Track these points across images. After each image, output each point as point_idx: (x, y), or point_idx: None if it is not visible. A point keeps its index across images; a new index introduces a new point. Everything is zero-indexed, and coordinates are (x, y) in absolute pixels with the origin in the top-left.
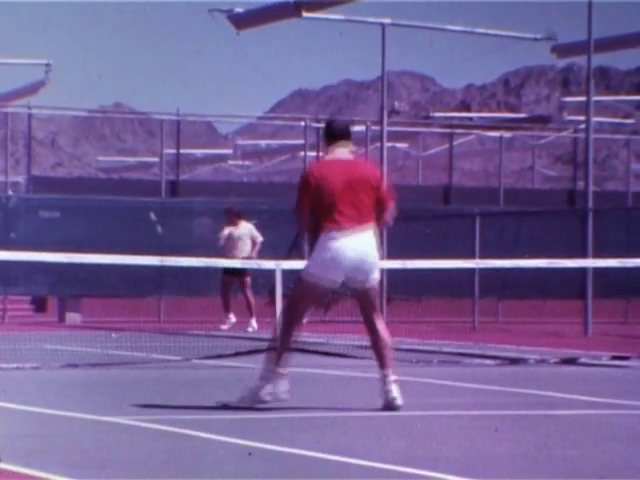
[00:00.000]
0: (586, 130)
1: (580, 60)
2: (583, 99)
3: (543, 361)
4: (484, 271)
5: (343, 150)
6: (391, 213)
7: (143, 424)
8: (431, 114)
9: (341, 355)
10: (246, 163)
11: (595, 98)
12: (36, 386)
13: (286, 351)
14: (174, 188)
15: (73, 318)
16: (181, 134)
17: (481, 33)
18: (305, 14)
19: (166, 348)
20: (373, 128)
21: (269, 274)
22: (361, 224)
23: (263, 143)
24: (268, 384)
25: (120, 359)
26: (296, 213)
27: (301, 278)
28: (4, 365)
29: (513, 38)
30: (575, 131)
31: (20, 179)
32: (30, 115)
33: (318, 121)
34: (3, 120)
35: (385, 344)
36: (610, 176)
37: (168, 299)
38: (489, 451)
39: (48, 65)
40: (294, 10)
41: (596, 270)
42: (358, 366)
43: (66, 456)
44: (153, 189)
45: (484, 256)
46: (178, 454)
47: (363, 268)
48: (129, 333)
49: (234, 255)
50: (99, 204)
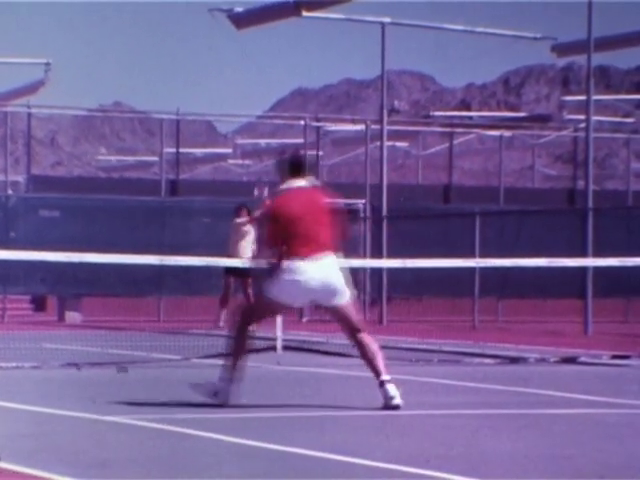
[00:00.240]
0: (586, 129)
1: (580, 59)
2: (583, 98)
3: (543, 360)
4: (484, 270)
5: (300, 180)
6: (344, 231)
7: (143, 423)
8: (431, 113)
9: (341, 354)
10: (246, 162)
11: (595, 97)
12: (35, 385)
13: (241, 355)
14: (174, 187)
15: (73, 317)
16: (181, 133)
17: (481, 32)
18: (305, 13)
19: (166, 347)
20: (373, 127)
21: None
22: (322, 251)
23: (263, 142)
24: (227, 386)
25: (120, 358)
26: (269, 245)
27: (265, 296)
28: (3, 364)
29: (513, 37)
30: (575, 130)
31: (20, 178)
32: (30, 114)
33: (318, 120)
34: (3, 119)
35: (373, 355)
36: (610, 175)
37: (168, 298)
38: (489, 450)
39: (48, 64)
40: (294, 9)
41: (596, 269)
42: (358, 365)
43: (66, 455)
44: (153, 188)
45: (484, 255)
46: (177, 453)
47: (328, 292)
48: (129, 332)
49: (237, 253)
50: (99, 203)
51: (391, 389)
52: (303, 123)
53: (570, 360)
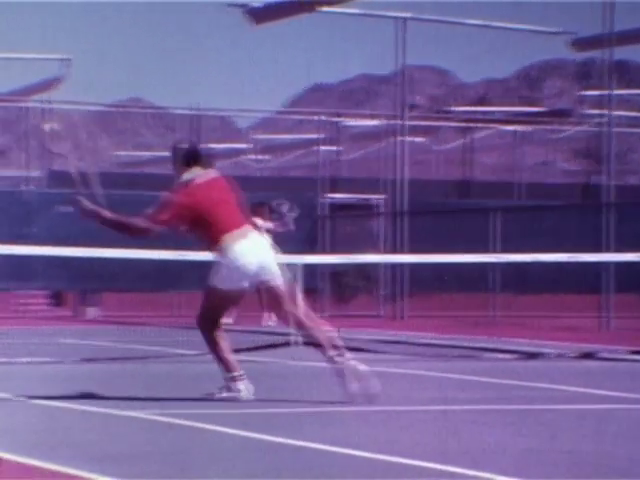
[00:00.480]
0: (607, 124)
1: (599, 53)
2: (603, 93)
3: (561, 355)
4: (502, 265)
5: (202, 169)
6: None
7: (159, 418)
8: (450, 108)
9: (360, 350)
10: (264, 158)
11: (615, 92)
12: (52, 380)
13: (226, 356)
14: None
15: (90, 313)
16: (199, 129)
17: (500, 27)
18: (322, 8)
19: (182, 342)
20: (391, 122)
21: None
22: (247, 227)
23: (280, 137)
24: (237, 385)
25: (138, 353)
26: (158, 224)
27: (214, 289)
28: (22, 359)
29: (532, 32)
30: (595, 125)
31: (39, 174)
32: (49, 110)
33: (336, 115)
34: (23, 115)
35: (316, 329)
36: (630, 170)
37: (185, 294)
38: (506, 445)
39: (67, 60)
40: (311, 4)
41: (615, 264)
42: (377, 360)
43: (81, 450)
44: (171, 184)
45: (502, 250)
46: (192, 448)
47: (265, 267)
48: (146, 327)
49: None
50: (117, 199)
51: (348, 367)
52: (321, 118)
53: (588, 355)
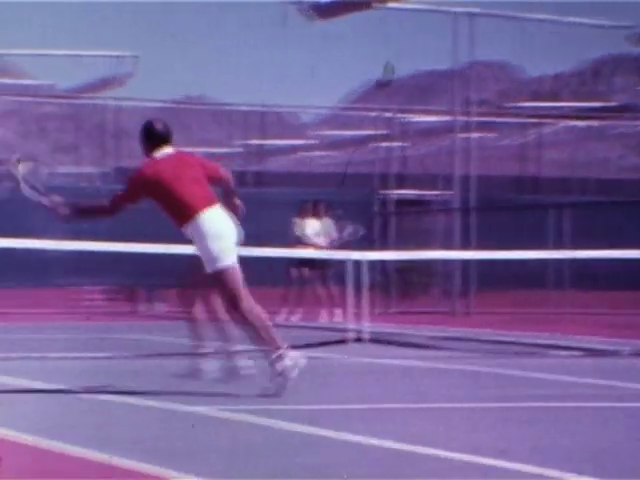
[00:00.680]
0: None
1: None
2: None
3: (620, 353)
4: (567, 262)
5: (168, 148)
6: (230, 182)
7: (225, 414)
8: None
9: (427, 346)
10: (329, 153)
11: None
12: (117, 376)
13: (205, 334)
14: (257, 178)
15: (158, 308)
16: (264, 125)
17: (566, 22)
18: (389, 4)
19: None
20: (458, 118)
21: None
22: (214, 202)
23: (346, 134)
24: (211, 360)
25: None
26: (120, 202)
27: (220, 272)
28: (92, 355)
29: (597, 26)
30: None
31: (108, 170)
32: (117, 106)
33: (402, 111)
34: (92, 111)
35: (261, 326)
36: None
37: (252, 289)
38: (570, 443)
39: (135, 57)
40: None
41: None
42: (443, 358)
43: (147, 446)
44: (236, 179)
45: (572, 247)
46: (256, 444)
47: (236, 240)
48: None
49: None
50: None
51: (286, 363)
52: (387, 114)
53: None
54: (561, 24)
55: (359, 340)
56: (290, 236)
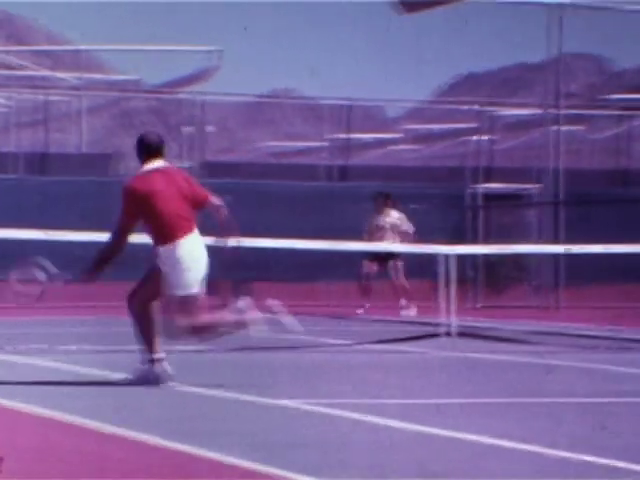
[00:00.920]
0: None
1: None
2: None
3: None
4: None
5: (159, 161)
6: (219, 208)
7: (313, 408)
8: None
9: (515, 340)
10: (416, 147)
11: None
12: (205, 368)
13: (153, 337)
14: (343, 172)
15: (242, 302)
16: (350, 119)
17: None
18: None
19: (336, 332)
20: (548, 111)
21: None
22: (190, 230)
23: (433, 127)
24: (153, 367)
25: (291, 343)
26: (122, 225)
27: (175, 297)
28: (177, 347)
29: None
30: None
31: (193, 164)
32: (202, 101)
33: (490, 104)
34: (177, 106)
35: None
36: None
37: (338, 283)
38: None
39: (220, 51)
40: None
41: None
42: (531, 352)
43: (235, 438)
44: (323, 174)
45: None
46: (347, 438)
47: (201, 276)
48: (299, 317)
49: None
50: (269, 189)
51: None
52: (475, 107)
53: None
54: None
55: (448, 334)
56: (366, 229)
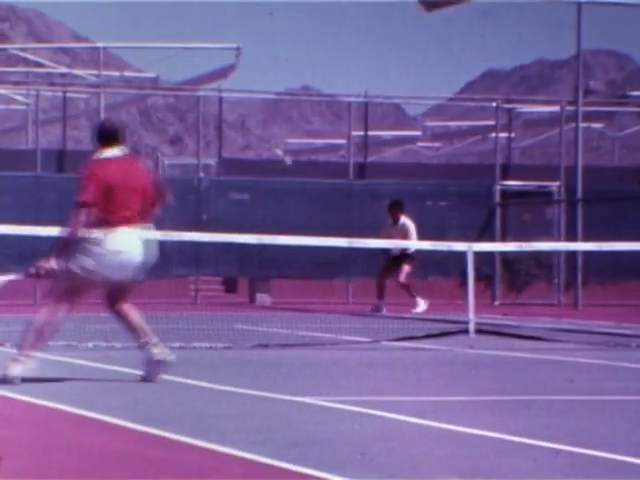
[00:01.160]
0: None
1: None
2: None
3: None
4: None
5: (117, 150)
6: (163, 203)
7: (332, 404)
8: (628, 93)
9: (534, 338)
10: (435, 145)
11: None
12: (228, 365)
13: (43, 337)
14: (362, 170)
15: (263, 299)
16: (369, 116)
17: None
18: None
19: (355, 329)
20: (567, 108)
21: (459, 256)
22: (140, 222)
23: (453, 124)
24: (20, 366)
25: (310, 340)
26: (82, 205)
27: (77, 274)
28: (197, 344)
29: None
30: None
31: (211, 161)
32: (221, 98)
33: (510, 102)
34: (195, 104)
35: (138, 322)
36: None
37: (356, 280)
38: None
39: (238, 49)
40: None
41: None
42: (552, 349)
43: (257, 435)
44: (341, 171)
45: None
46: (365, 435)
47: (130, 267)
48: (318, 314)
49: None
50: (287, 186)
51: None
52: (494, 105)
53: None
54: None
55: (466, 332)
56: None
